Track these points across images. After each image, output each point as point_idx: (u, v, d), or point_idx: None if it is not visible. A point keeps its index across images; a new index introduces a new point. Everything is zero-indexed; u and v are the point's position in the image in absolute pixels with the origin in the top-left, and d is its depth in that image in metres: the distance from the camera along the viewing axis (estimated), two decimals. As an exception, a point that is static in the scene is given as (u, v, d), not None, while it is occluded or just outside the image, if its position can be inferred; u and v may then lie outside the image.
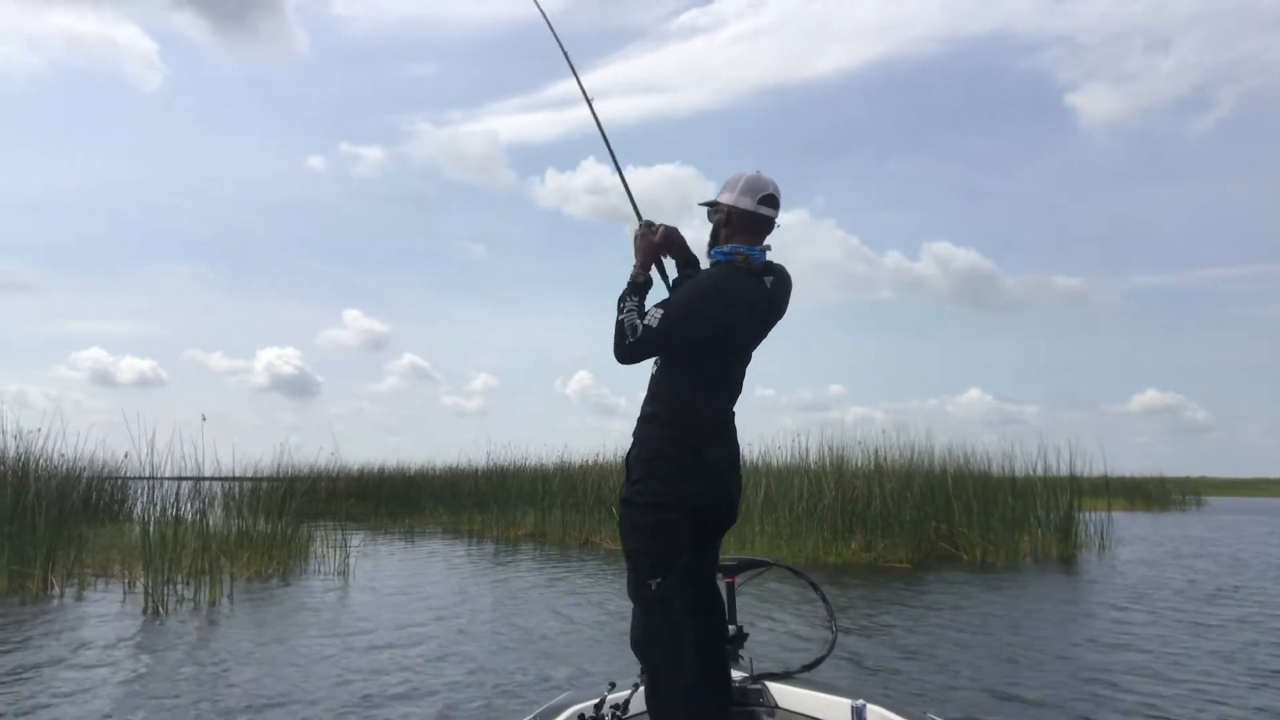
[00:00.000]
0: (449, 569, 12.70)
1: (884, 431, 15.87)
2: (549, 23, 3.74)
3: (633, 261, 3.02)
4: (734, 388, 2.99)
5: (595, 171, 61.72)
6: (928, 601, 9.46)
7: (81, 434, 20.36)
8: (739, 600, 3.46)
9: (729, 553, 3.37)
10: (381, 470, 27.40)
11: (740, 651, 3.29)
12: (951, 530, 14.18)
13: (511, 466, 22.39)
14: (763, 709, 3.11)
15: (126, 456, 14.36)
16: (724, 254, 2.93)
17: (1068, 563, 13.81)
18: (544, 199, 62.75)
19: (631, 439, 2.93)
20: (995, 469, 15.89)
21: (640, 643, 2.81)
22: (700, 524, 2.83)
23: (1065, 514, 15.33)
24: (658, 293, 3.01)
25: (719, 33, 68.32)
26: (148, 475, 10.75)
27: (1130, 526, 22.67)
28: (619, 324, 2.86)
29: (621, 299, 2.92)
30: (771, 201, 2.97)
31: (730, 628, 3.27)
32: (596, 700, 3.01)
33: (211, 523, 10.92)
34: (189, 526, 10.20)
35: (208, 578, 9.27)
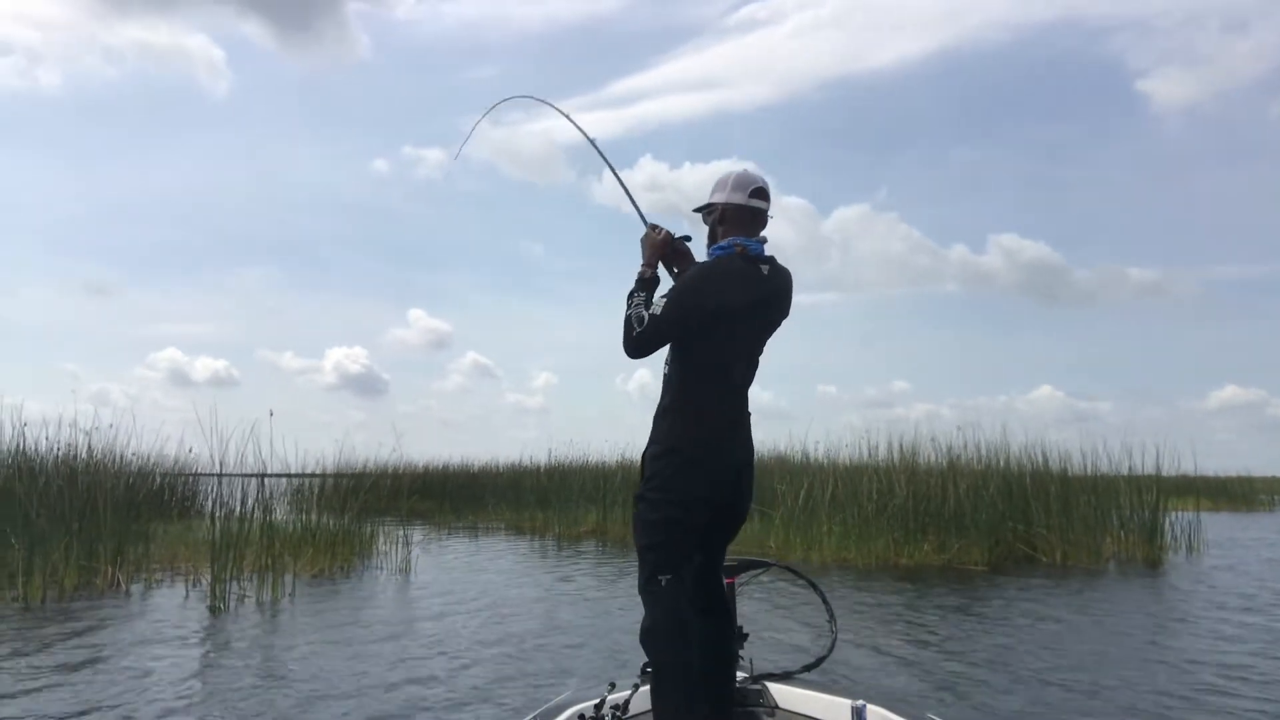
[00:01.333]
0: (511, 567, 12.58)
1: (958, 429, 15.28)
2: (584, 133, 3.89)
3: (640, 261, 3.16)
4: (742, 385, 3.03)
5: (652, 169, 61.47)
6: (1006, 606, 9.00)
7: (157, 432, 20.81)
8: (739, 600, 3.45)
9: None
10: (446, 467, 27.58)
11: (740, 651, 3.28)
12: (1029, 531, 13.60)
13: (573, 464, 22.29)
14: (763, 709, 3.15)
15: (191, 452, 14.64)
16: (722, 248, 3.04)
17: (1154, 566, 13.13)
18: (601, 197, 62.74)
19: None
20: (1073, 467, 15.24)
21: (647, 638, 2.85)
22: (712, 522, 2.92)
23: (1150, 514, 14.60)
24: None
25: (779, 26, 67.50)
26: (218, 472, 10.83)
27: (1217, 528, 21.62)
28: (626, 318, 2.98)
29: (630, 295, 3.04)
30: (762, 194, 3.06)
31: None
32: (596, 700, 3.02)
33: (276, 519, 10.96)
34: (254, 523, 10.23)
35: (271, 575, 9.26)
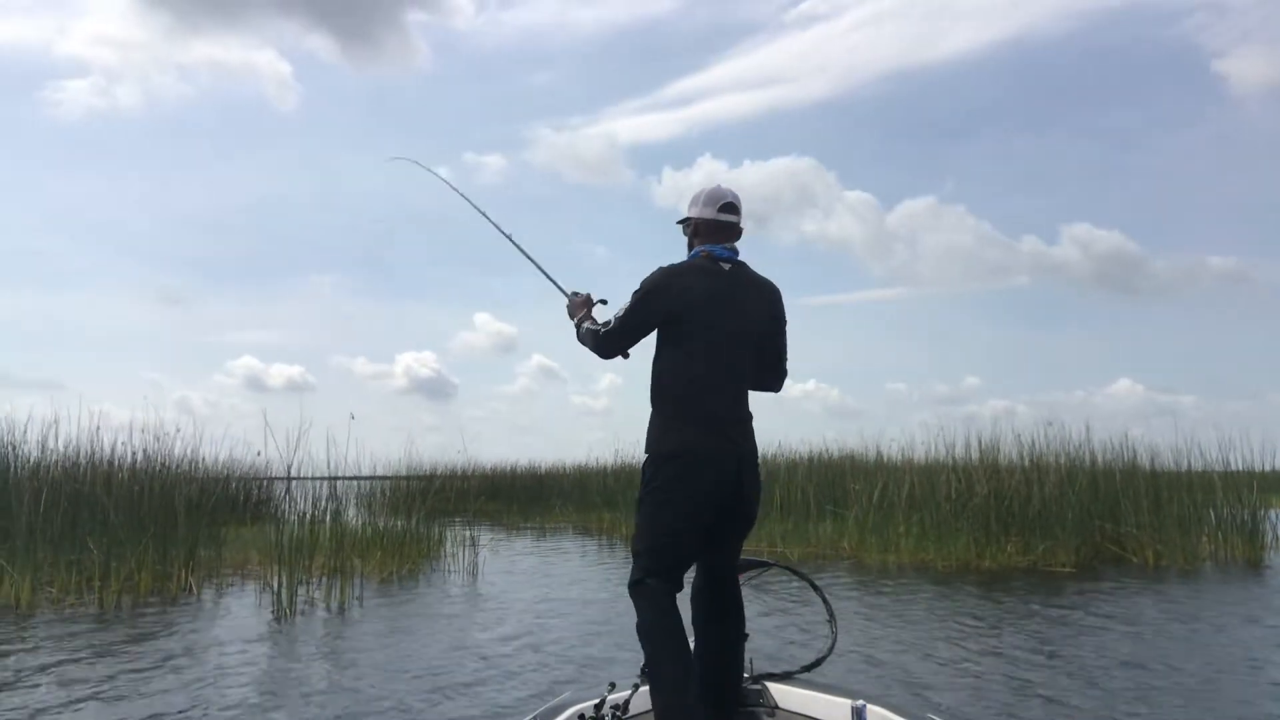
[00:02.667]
0: (580, 568, 12.41)
1: (1048, 424, 14.61)
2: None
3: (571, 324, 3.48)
4: (722, 383, 3.10)
5: (711, 168, 60.90)
6: (1096, 610, 8.51)
7: (233, 436, 21.21)
8: None
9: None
10: (513, 469, 27.68)
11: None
12: (1119, 531, 12.96)
13: (640, 465, 22.02)
14: (763, 709, 3.16)
15: (260, 455, 14.81)
16: (692, 256, 3.29)
17: (1255, 566, 12.39)
18: (661, 198, 62.34)
19: None
20: (1162, 463, 14.48)
21: (642, 638, 2.95)
22: (716, 523, 3.03)
23: (1250, 512, 13.81)
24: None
25: (839, 20, 66.26)
26: (291, 475, 10.90)
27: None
28: (586, 332, 3.33)
29: (577, 332, 3.42)
30: (731, 209, 3.27)
31: None
32: (597, 700, 3.03)
33: (346, 522, 10.98)
34: (324, 526, 10.25)
35: (340, 578, 9.24)
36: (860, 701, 2.97)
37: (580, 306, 3.49)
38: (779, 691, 3.26)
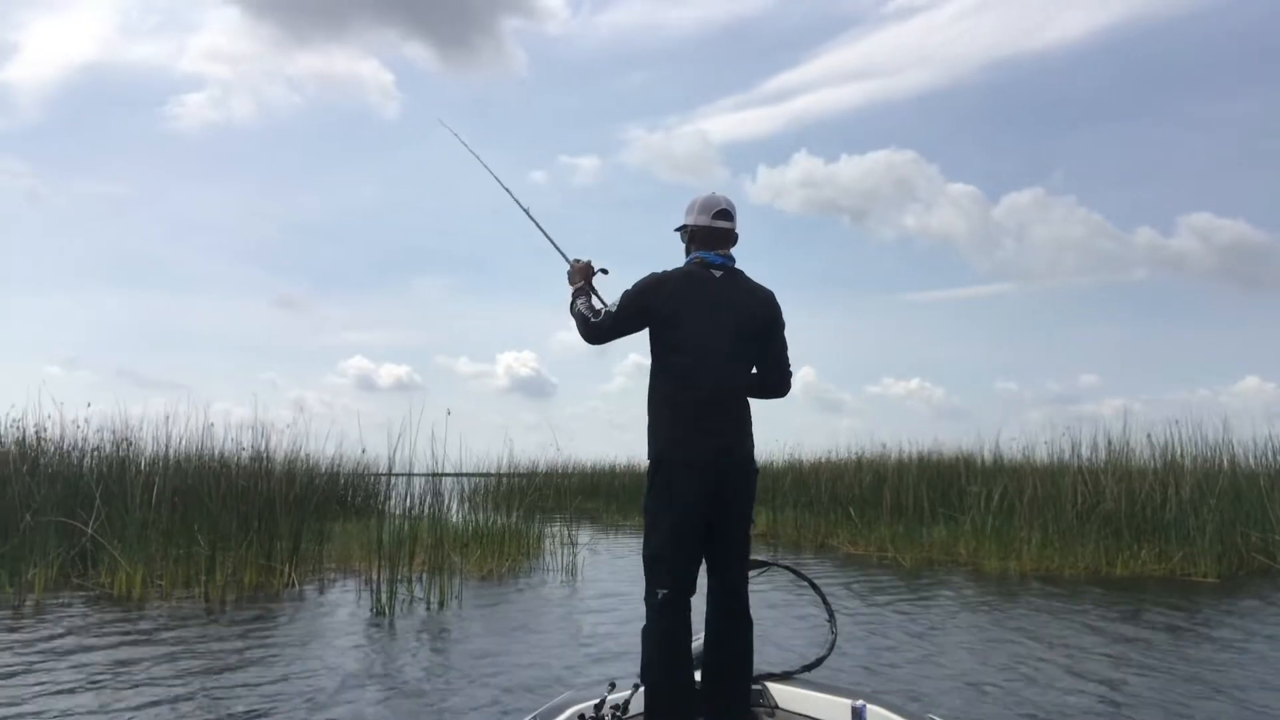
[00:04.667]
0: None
1: (1176, 422, 13.59)
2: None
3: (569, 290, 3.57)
4: (710, 388, 3.13)
5: (806, 165, 59.73)
6: (1239, 625, 7.72)
7: (342, 434, 21.68)
8: None
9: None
10: (612, 467, 27.57)
11: None
12: (1267, 539, 11.89)
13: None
14: (763, 709, 3.19)
15: (364, 453, 15.04)
16: (687, 262, 3.37)
17: None
18: (756, 195, 61.30)
19: None
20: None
21: (643, 642, 3.08)
22: (713, 526, 3.10)
23: None
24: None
25: (940, 10, 63.93)
26: (395, 472, 10.94)
27: None
28: (578, 314, 3.40)
29: (573, 303, 3.49)
30: (724, 215, 3.35)
31: None
32: (596, 700, 3.04)
33: (446, 519, 10.92)
34: (425, 523, 10.20)
35: (440, 576, 9.14)
36: (860, 701, 2.98)
37: (580, 274, 3.57)
38: (779, 691, 3.29)
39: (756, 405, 3.41)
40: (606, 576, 11.11)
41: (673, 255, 3.63)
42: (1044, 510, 12.49)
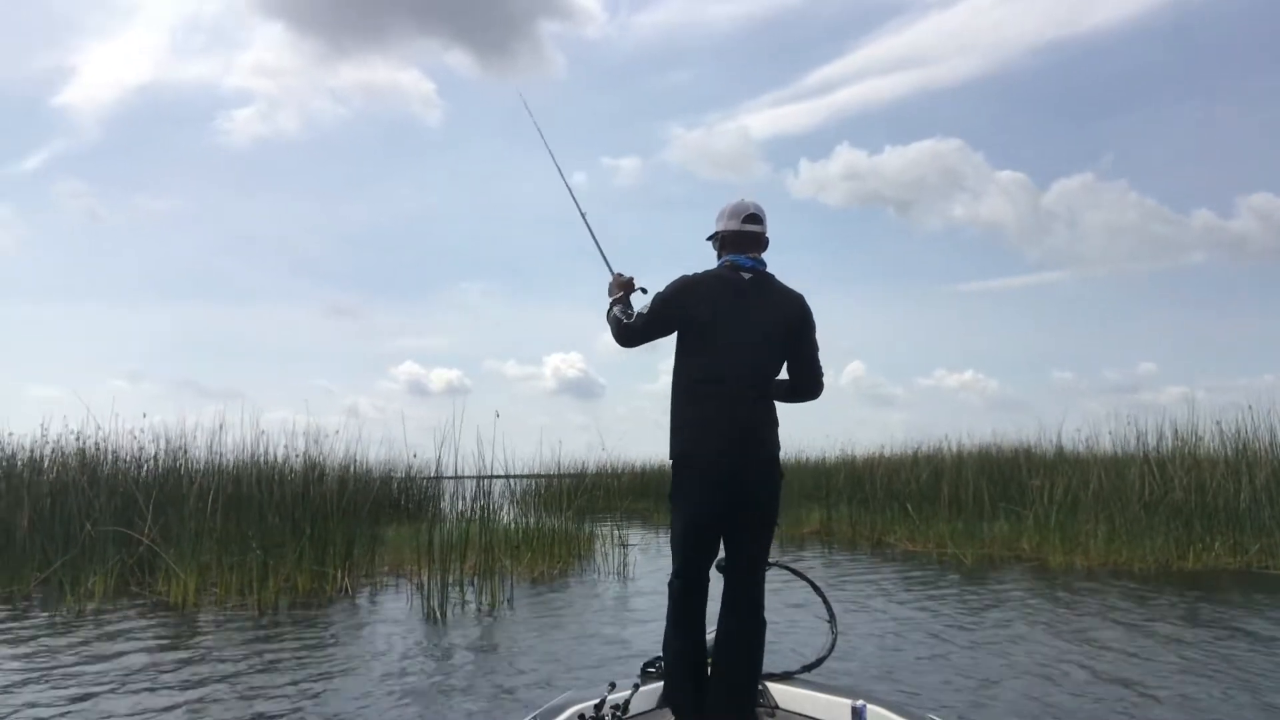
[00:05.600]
0: (733, 570, 11.87)
1: (1250, 407, 13.02)
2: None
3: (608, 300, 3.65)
4: (731, 389, 3.19)
5: (849, 157, 58.67)
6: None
7: (395, 438, 21.82)
8: None
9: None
10: (661, 466, 27.38)
11: None
12: (1351, 530, 11.34)
13: (791, 461, 21.39)
14: (763, 709, 3.21)
15: (415, 456, 15.10)
16: (719, 266, 3.43)
17: None
18: (798, 190, 60.46)
19: None
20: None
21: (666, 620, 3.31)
22: (734, 525, 3.21)
23: None
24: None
25: (983, -5, 62.66)
26: (442, 475, 10.93)
27: None
28: (613, 317, 3.51)
29: (610, 307, 3.58)
30: (754, 219, 3.40)
31: None
32: (596, 700, 3.04)
33: (496, 522, 10.88)
34: (474, 526, 10.15)
35: (491, 579, 9.08)
36: (860, 701, 2.99)
37: (619, 288, 3.64)
38: (779, 691, 3.31)
39: (804, 403, 3.43)
40: (659, 577, 10.96)
41: (707, 252, 3.62)
42: (1109, 503, 12.06)
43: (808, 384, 3.46)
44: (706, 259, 3.55)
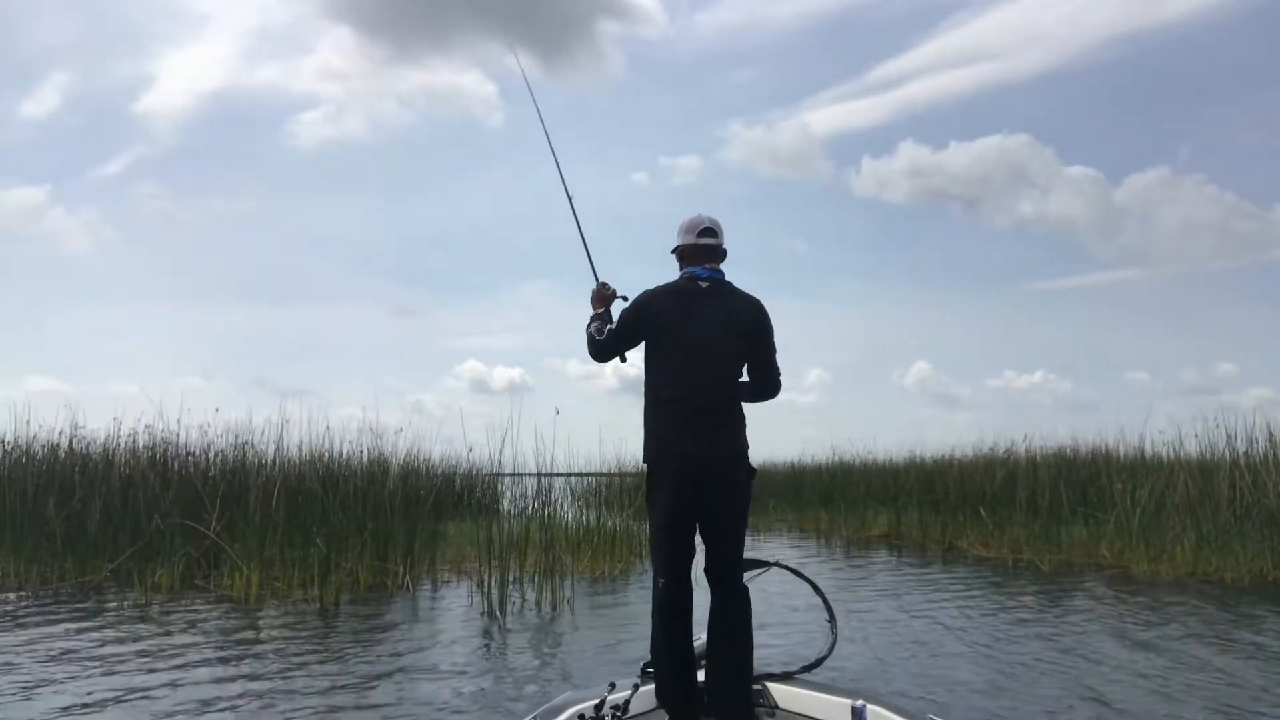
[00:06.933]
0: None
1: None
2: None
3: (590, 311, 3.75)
4: (694, 392, 3.34)
5: (912, 154, 57.48)
6: None
7: (457, 436, 21.93)
8: None
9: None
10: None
11: None
12: None
13: (857, 462, 20.94)
14: (763, 709, 3.20)
15: (472, 452, 15.05)
16: (679, 278, 3.57)
17: None
18: (860, 188, 59.38)
19: None
20: None
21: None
22: (703, 524, 3.34)
23: None
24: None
25: (1052, -12, 60.74)
26: (502, 472, 10.88)
27: None
28: (588, 334, 3.65)
29: (590, 321, 3.69)
30: (709, 233, 3.59)
31: None
32: (596, 700, 3.04)
33: (556, 519, 10.78)
34: (536, 523, 10.07)
35: (551, 577, 8.97)
36: (860, 701, 2.98)
37: (600, 301, 3.76)
38: (779, 691, 3.30)
39: (865, 404, 3.48)
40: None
41: (767, 251, 3.62)
42: (1196, 508, 11.46)
43: (764, 382, 3.61)
44: (770, 261, 3.54)
